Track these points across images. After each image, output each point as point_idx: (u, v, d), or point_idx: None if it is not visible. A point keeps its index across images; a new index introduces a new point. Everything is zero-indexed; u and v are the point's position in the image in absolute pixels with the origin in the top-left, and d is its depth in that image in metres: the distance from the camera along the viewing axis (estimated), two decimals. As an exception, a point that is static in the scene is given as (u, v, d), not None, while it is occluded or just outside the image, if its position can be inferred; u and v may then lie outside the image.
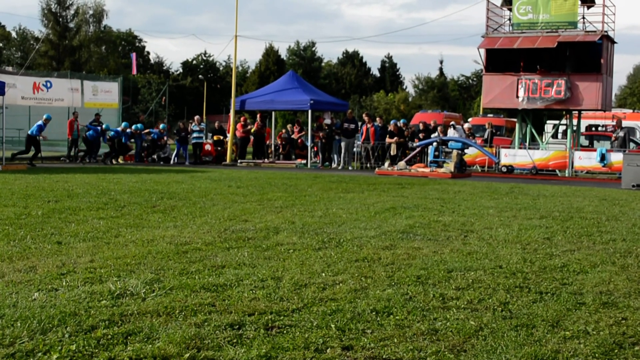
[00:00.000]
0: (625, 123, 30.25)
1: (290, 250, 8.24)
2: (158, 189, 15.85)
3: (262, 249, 8.29)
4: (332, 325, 5.17)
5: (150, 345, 4.64)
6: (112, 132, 29.93)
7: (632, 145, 29.14)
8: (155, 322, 5.15)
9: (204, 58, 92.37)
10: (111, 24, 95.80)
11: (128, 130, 30.71)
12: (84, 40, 75.62)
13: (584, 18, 27.50)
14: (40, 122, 27.24)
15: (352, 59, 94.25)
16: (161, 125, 33.27)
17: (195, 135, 31.33)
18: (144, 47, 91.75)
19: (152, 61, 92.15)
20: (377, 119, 31.84)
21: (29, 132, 27.47)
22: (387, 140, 28.75)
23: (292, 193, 15.57)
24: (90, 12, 77.00)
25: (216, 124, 35.23)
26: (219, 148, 32.22)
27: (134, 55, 49.82)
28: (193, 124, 31.65)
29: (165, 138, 32.75)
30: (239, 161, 30.57)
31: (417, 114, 43.31)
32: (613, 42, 28.40)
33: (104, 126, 30.08)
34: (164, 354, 4.50)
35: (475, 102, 74.21)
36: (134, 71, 50.42)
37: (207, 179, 19.37)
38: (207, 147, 32.17)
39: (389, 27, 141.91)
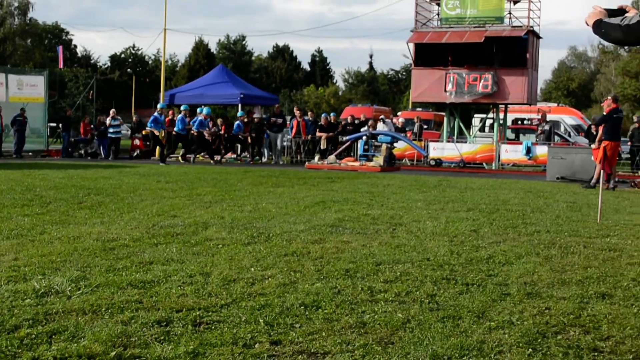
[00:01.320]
0: (550, 117, 30.91)
1: (219, 245, 8.20)
2: (85, 184, 15.59)
3: (191, 244, 8.22)
4: (261, 320, 5.16)
5: (76, 344, 4.56)
6: (196, 124, 27.72)
7: (556, 138, 29.77)
8: (81, 321, 5.07)
9: (133, 52, 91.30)
10: (37, 16, 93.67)
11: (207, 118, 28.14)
12: (8, 33, 73.98)
13: (510, 13, 28.02)
14: (155, 114, 27.46)
15: (282, 53, 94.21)
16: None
17: (111, 130, 30.61)
18: (70, 40, 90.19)
19: (79, 55, 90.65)
20: (309, 112, 31.87)
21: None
22: (318, 134, 28.80)
23: (221, 188, 15.49)
24: (15, 4, 75.44)
25: (134, 118, 34.26)
26: (148, 143, 31.81)
27: (60, 49, 48.95)
28: (108, 118, 30.84)
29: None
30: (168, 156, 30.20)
31: (347, 107, 43.50)
32: (538, 37, 28.97)
33: (204, 114, 28.16)
34: (90, 352, 4.43)
35: (404, 96, 74.91)
36: (61, 65, 49.56)
37: (135, 174, 19.14)
38: (136, 141, 31.69)
39: (319, 20, 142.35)
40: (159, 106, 27.82)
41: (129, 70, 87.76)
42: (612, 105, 18.63)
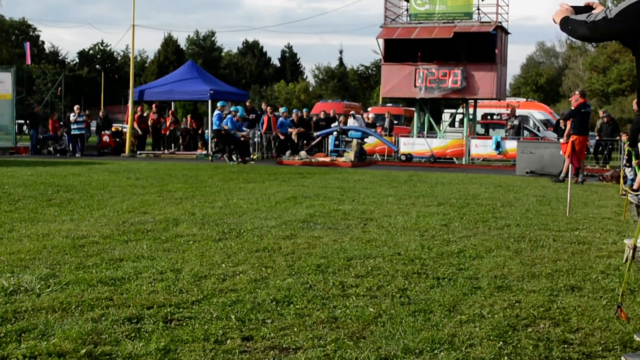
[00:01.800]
0: (519, 112, 31.12)
1: (190, 241, 8.16)
2: (54, 181, 15.46)
3: (162, 240, 8.18)
4: (232, 316, 5.15)
5: (45, 342, 4.52)
6: (229, 124, 25.77)
7: (525, 133, 29.97)
8: (51, 318, 5.02)
9: (101, 48, 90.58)
10: (4, 12, 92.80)
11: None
12: (-26, 30, 73.12)
13: (478, 9, 28.14)
14: (217, 112, 25.95)
15: (252, 49, 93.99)
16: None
17: (74, 126, 30.14)
18: (38, 36, 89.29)
19: (47, 51, 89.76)
20: (280, 108, 31.85)
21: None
22: (289, 129, 28.78)
23: (192, 184, 15.43)
24: (-19, 0, 74.55)
25: (101, 114, 33.87)
26: (118, 139, 31.61)
27: (27, 45, 48.57)
28: (73, 114, 30.36)
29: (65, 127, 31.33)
30: (138, 152, 30.07)
31: (318, 103, 43.56)
32: (507, 32, 29.14)
33: (238, 117, 26.20)
34: (60, 350, 4.39)
35: (374, 92, 75.06)
36: (28, 61, 49.13)
37: (105, 171, 19.00)
38: (105, 138, 31.45)
39: (289, 16, 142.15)
40: (219, 104, 26.61)
41: (97, 66, 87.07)
42: (580, 100, 18.79)
